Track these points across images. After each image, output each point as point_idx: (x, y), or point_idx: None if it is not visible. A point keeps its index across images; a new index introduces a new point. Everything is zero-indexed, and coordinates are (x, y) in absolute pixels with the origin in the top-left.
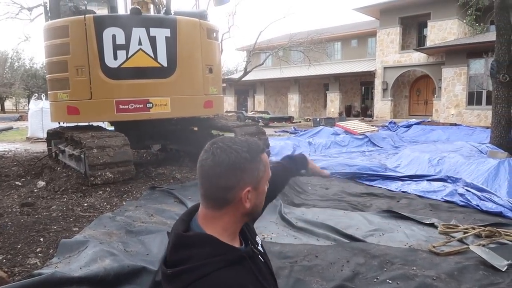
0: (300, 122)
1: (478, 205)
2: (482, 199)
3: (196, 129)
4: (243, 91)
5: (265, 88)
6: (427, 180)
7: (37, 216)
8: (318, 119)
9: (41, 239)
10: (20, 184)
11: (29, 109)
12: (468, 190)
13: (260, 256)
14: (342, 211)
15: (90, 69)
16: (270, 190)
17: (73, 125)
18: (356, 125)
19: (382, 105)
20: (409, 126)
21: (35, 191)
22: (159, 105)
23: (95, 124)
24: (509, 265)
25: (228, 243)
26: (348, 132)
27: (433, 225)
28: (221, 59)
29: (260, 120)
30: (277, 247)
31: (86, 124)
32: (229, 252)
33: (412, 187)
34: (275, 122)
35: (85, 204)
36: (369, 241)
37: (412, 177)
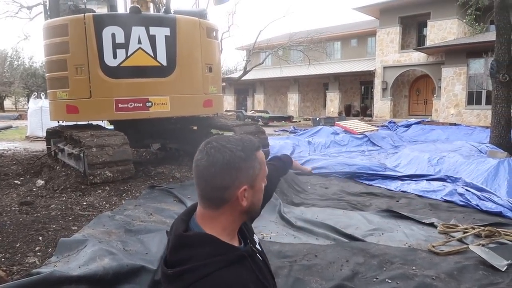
0: (299, 121)
1: (477, 205)
2: (482, 199)
3: (195, 128)
4: (243, 90)
5: (265, 87)
6: (426, 180)
7: (36, 215)
8: (317, 119)
9: (40, 238)
10: (19, 183)
11: (28, 108)
12: (467, 190)
13: (259, 255)
14: (341, 211)
15: (90, 68)
16: (266, 190)
17: (72, 124)
18: (356, 124)
19: (381, 105)
20: (408, 126)
21: (34, 190)
22: (158, 104)
23: (94, 123)
24: (508, 265)
25: (228, 243)
26: (347, 131)
27: (432, 224)
28: (220, 58)
29: (260, 120)
30: (276, 246)
31: (85, 123)
32: (229, 252)
33: (411, 187)
34: (275, 122)
35: (84, 203)
36: (368, 240)
37: (411, 177)
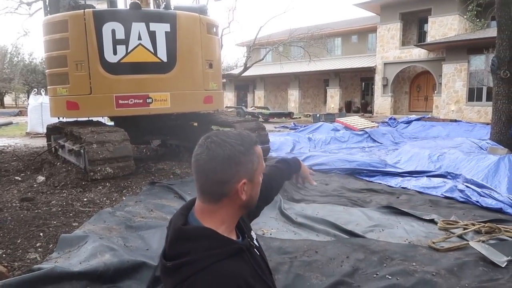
0: (300, 117)
1: (478, 201)
2: (482, 195)
3: (196, 124)
4: (243, 86)
5: (265, 83)
6: (427, 176)
7: (36, 211)
8: (318, 115)
9: (41, 234)
10: (19, 179)
11: (28, 104)
12: (468, 186)
13: (256, 250)
14: (342, 207)
15: (90, 64)
16: (266, 193)
17: (72, 120)
18: (356, 121)
19: (382, 101)
20: (409, 122)
21: (35, 186)
22: (159, 100)
23: (94, 119)
24: (508, 261)
25: (226, 236)
26: (348, 128)
27: (432, 221)
28: (221, 54)
29: (260, 116)
30: (277, 242)
31: (85, 119)
32: (227, 245)
33: (412, 183)
34: (275, 118)
35: (85, 199)
36: (368, 236)
37: (412, 173)
